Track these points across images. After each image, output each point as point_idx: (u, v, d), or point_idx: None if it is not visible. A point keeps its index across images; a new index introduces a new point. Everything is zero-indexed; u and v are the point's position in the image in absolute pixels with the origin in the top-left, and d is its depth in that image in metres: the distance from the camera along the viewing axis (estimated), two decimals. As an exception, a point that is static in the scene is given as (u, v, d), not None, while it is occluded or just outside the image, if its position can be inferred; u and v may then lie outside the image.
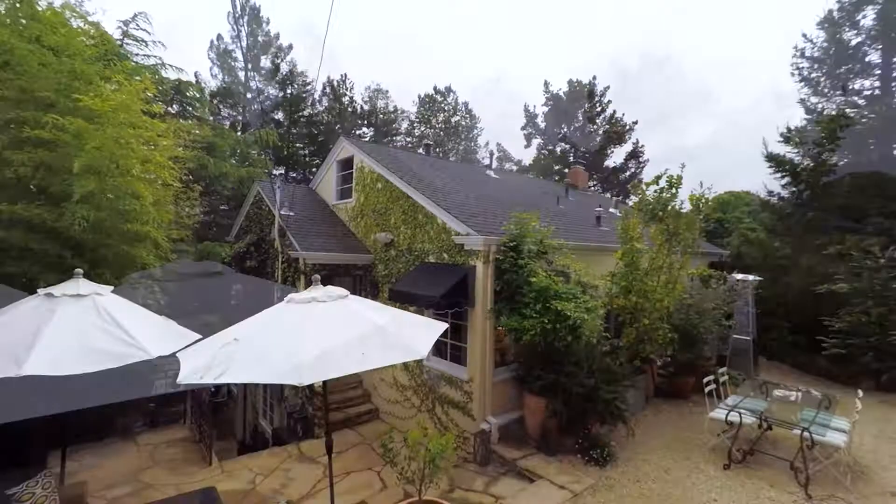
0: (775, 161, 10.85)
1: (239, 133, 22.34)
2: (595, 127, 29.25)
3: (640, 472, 5.60)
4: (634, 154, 26.99)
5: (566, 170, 24.23)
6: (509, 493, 5.13)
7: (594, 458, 5.72)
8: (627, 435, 6.20)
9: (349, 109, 33.50)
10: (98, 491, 5.79)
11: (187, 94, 17.54)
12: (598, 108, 29.41)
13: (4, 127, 6.55)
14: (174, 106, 18.00)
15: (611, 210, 13.57)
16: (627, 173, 26.99)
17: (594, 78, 29.06)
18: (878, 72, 11.50)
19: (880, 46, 11.33)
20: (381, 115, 33.57)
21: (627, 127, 27.36)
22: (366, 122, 33.10)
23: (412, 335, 4.22)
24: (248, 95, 31.82)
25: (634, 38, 55.80)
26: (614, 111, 29.10)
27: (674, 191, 7.32)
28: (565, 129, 29.50)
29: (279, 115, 32.18)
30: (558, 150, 29.89)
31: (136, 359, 4.57)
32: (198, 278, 9.99)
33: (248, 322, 4.15)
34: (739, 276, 9.85)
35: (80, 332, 4.55)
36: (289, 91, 32.47)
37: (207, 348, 3.90)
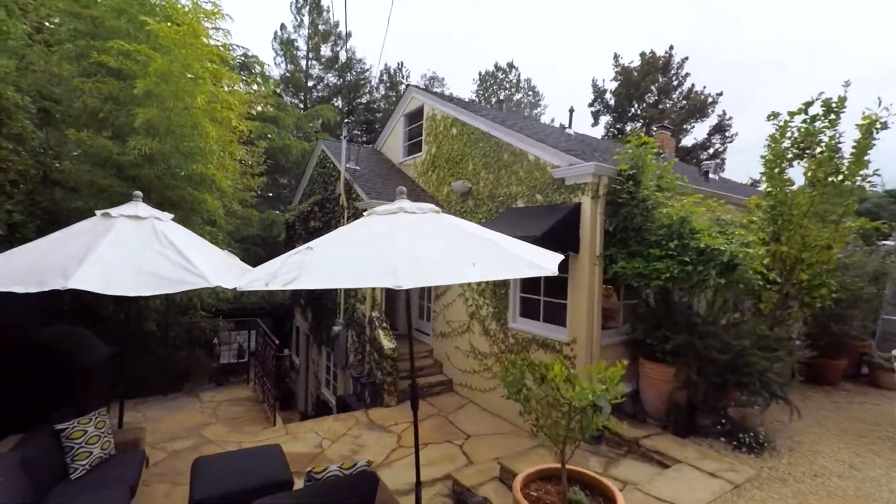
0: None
1: (301, 110, 22.47)
2: (671, 103, 26.72)
3: (814, 465, 4.21)
4: (720, 128, 24.23)
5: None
6: (641, 479, 3.96)
7: (745, 443, 4.40)
8: (790, 418, 4.79)
9: (406, 96, 33.20)
10: (159, 442, 5.30)
11: (252, 70, 17.71)
12: (675, 82, 26.85)
13: (76, 58, 6.29)
14: (241, 85, 18.29)
15: (711, 176, 11.76)
16: (711, 150, 24.28)
17: (671, 48, 26.52)
18: None
19: None
20: (438, 101, 32.98)
21: (710, 99, 24.62)
22: (423, 107, 32.64)
23: (531, 251, 3.23)
24: (309, 83, 32.24)
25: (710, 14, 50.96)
26: (693, 84, 26.45)
27: (832, 117, 5.72)
28: (636, 106, 27.18)
29: (338, 103, 32.49)
30: (628, 128, 27.59)
31: (194, 286, 3.89)
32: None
33: (321, 238, 3.34)
34: (897, 241, 7.89)
35: (136, 253, 3.94)
36: (347, 78, 32.79)
37: (274, 261, 3.12)
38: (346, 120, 9.64)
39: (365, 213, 3.44)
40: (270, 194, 22.52)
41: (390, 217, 3.18)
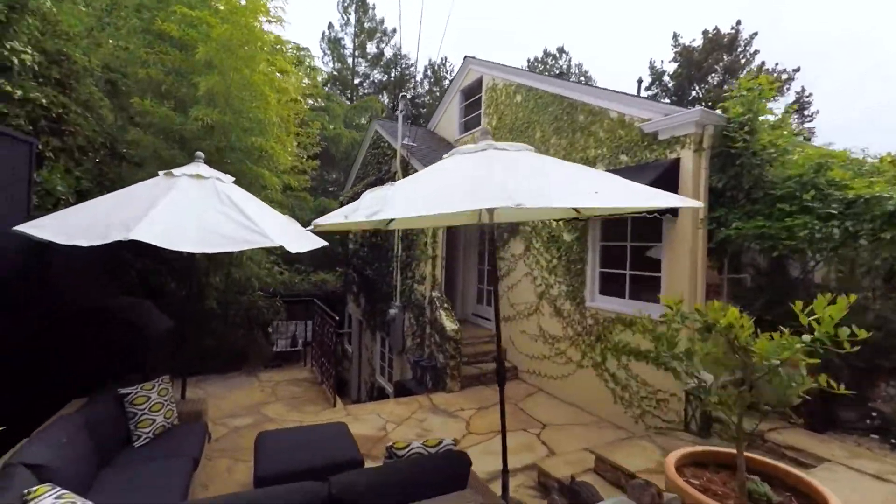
0: None
1: (349, 102, 22.66)
2: (738, 83, 24.64)
3: None
4: (798, 106, 21.99)
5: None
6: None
7: (908, 441, 3.55)
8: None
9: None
10: (220, 418, 5.11)
11: (302, 63, 17.95)
12: (742, 60, 24.77)
13: (142, 33, 6.29)
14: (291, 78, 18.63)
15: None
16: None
17: (738, 23, 24.45)
18: None
19: None
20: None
21: (787, 76, 22.41)
22: (467, 101, 32.30)
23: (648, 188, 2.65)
24: (356, 81, 32.66)
25: (777, -12, 46.70)
26: (763, 62, 24.29)
27: None
28: (697, 88, 25.27)
29: (384, 99, 32.70)
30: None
31: (256, 244, 3.59)
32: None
33: (402, 179, 2.91)
34: None
35: (198, 211, 3.68)
36: (392, 74, 33.00)
37: (350, 205, 2.71)
38: (402, 94, 9.20)
39: (445, 156, 2.96)
40: (320, 190, 22.84)
41: (479, 154, 2.68)
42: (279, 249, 8.79)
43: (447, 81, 33.66)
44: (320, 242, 4.37)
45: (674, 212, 4.55)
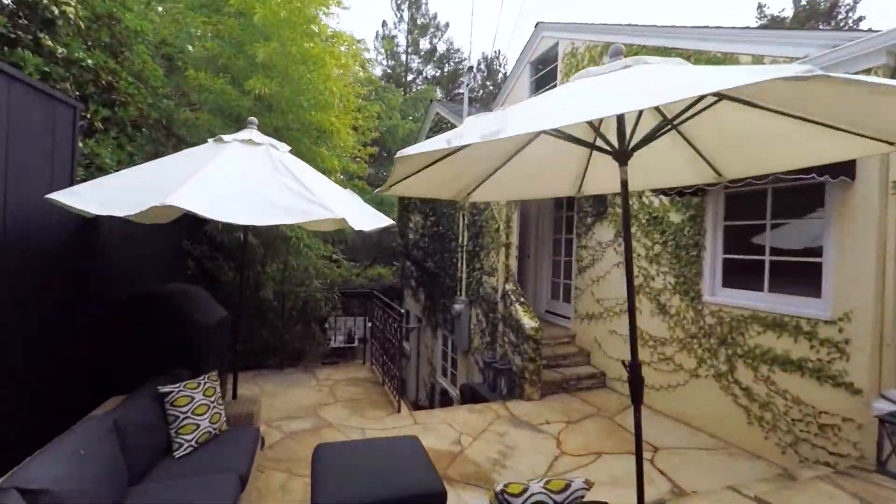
0: None
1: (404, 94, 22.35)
2: (838, 54, 21.60)
3: None
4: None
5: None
6: None
7: None
8: None
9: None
10: (274, 421, 4.58)
11: (359, 57, 17.77)
12: (845, 28, 21.66)
13: (199, 8, 5.99)
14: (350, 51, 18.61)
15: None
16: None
17: (838, -13, 21.40)
18: None
19: None
20: (539, 88, 31.31)
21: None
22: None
23: None
24: (409, 77, 32.60)
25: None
26: (870, 28, 21.07)
27: None
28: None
29: (437, 93, 32.35)
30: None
31: (316, 216, 2.89)
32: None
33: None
34: None
35: (249, 179, 3.05)
36: (445, 69, 32.63)
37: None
38: (469, 66, 8.40)
39: (571, 78, 2.11)
40: (375, 186, 22.79)
41: (620, 72, 1.80)
42: (338, 237, 8.23)
43: (501, 75, 32.74)
44: (386, 220, 3.67)
45: (847, 173, 3.39)
